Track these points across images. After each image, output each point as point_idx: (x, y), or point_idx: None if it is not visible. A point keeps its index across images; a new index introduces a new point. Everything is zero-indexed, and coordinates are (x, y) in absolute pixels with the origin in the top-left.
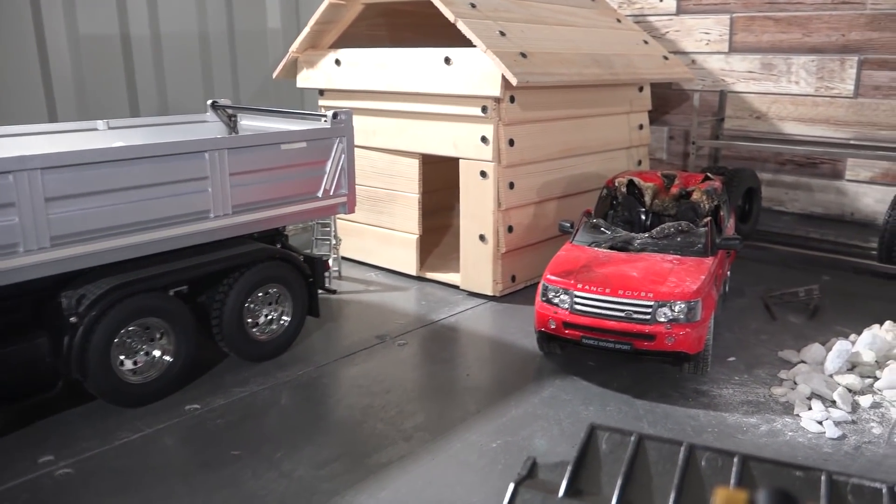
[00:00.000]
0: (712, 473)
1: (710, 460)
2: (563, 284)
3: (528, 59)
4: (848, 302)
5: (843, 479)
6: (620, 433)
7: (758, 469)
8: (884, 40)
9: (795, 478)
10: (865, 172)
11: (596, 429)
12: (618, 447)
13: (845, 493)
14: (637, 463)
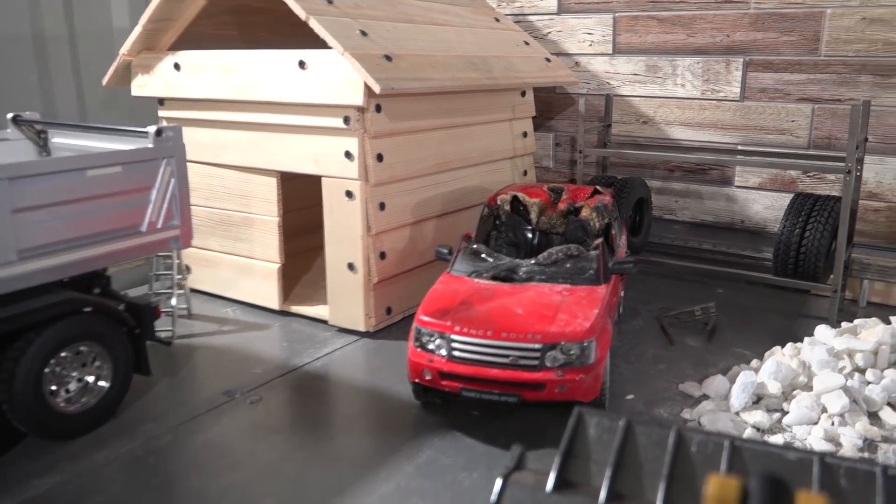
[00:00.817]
0: (703, 459)
1: (700, 445)
2: (438, 327)
3: (393, 62)
4: (745, 318)
5: (836, 463)
6: (609, 418)
7: (749, 454)
8: (768, 41)
9: (787, 462)
10: (754, 178)
11: (583, 414)
12: (606, 433)
13: (838, 477)
14: (626, 449)
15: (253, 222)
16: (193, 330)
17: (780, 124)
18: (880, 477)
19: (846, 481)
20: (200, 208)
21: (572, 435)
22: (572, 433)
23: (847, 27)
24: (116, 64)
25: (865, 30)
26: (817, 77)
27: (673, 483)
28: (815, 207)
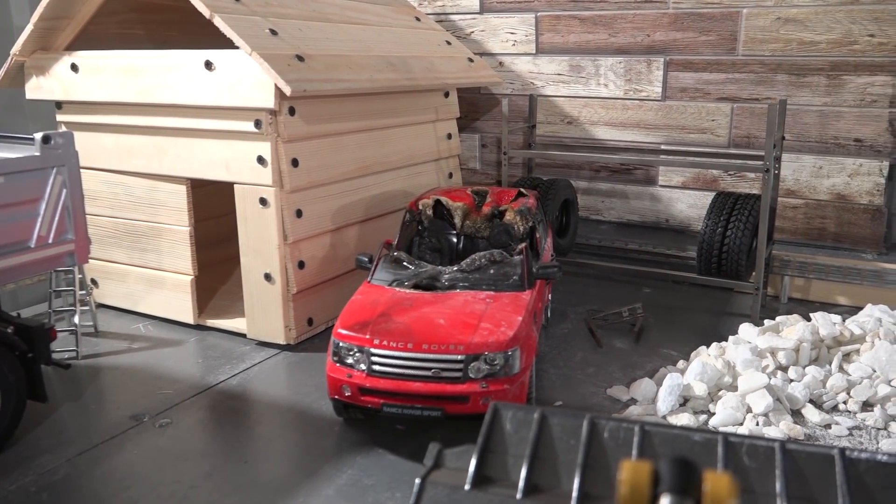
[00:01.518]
0: (615, 445)
1: (612, 432)
2: (357, 341)
3: (306, 62)
4: (672, 317)
5: (738, 441)
6: (524, 411)
7: (658, 438)
8: (687, 40)
9: (694, 443)
10: (678, 178)
11: (498, 408)
12: (522, 426)
13: (741, 454)
14: (542, 441)
15: (162, 232)
16: (100, 349)
17: (700, 123)
18: (778, 452)
19: (748, 458)
20: (105, 218)
21: (489, 430)
22: (489, 428)
23: (762, 27)
24: (7, 65)
25: (780, 30)
26: (735, 76)
27: (588, 471)
28: (736, 206)
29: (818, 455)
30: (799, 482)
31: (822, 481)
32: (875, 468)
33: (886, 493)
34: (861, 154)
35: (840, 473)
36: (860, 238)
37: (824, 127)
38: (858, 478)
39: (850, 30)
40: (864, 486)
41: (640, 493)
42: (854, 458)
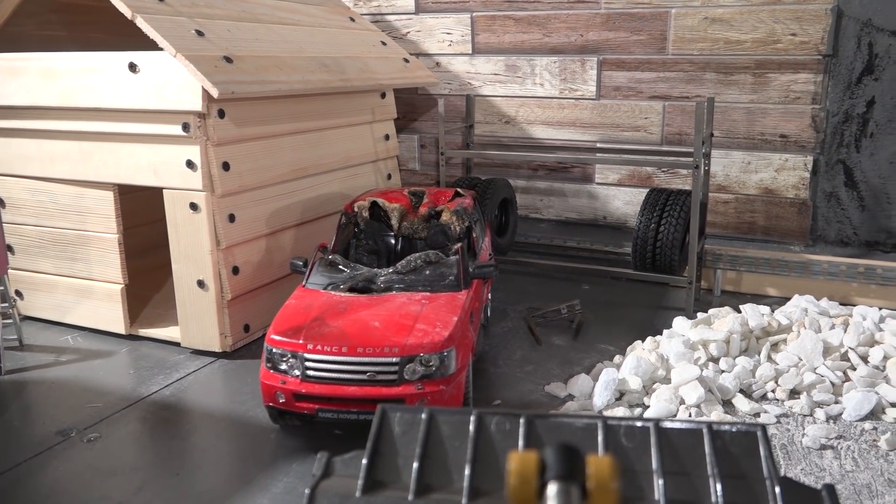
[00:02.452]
0: (502, 438)
1: (498, 425)
2: (290, 346)
3: (234, 64)
4: (609, 313)
5: (616, 424)
6: (412, 412)
7: (542, 427)
8: (619, 40)
9: (576, 429)
10: (613, 175)
11: (387, 411)
12: (410, 427)
13: (620, 436)
14: (431, 441)
15: (90, 240)
16: (25, 363)
17: (634, 121)
18: (653, 431)
19: (626, 439)
20: (30, 227)
21: (377, 434)
22: (377, 432)
23: (691, 27)
24: None
25: (707, 29)
26: (666, 75)
27: (477, 465)
28: (668, 202)
29: (688, 431)
30: (673, 457)
31: (694, 454)
32: (738, 438)
33: (748, 459)
34: (787, 149)
35: (708, 445)
36: (788, 231)
37: (751, 123)
38: (724, 448)
39: (773, 29)
40: (730, 455)
41: (528, 483)
42: (718, 430)
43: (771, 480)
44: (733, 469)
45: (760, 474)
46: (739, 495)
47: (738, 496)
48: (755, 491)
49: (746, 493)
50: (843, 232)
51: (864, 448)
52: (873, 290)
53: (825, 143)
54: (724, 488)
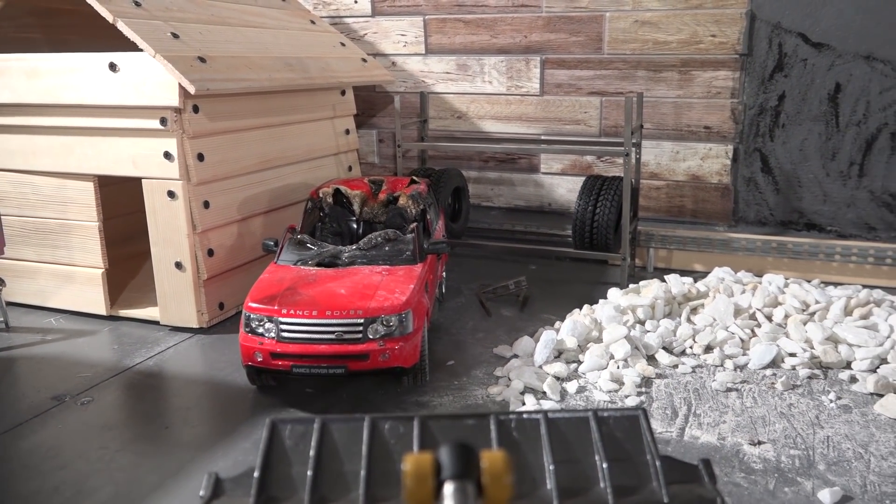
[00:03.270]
0: (397, 441)
1: (392, 429)
2: (266, 312)
3: (208, 63)
4: (553, 288)
5: (507, 419)
6: (302, 423)
7: (436, 427)
8: (559, 41)
9: (469, 427)
10: (557, 165)
11: (276, 424)
12: (302, 438)
13: (511, 430)
14: (324, 450)
15: (72, 228)
16: (12, 342)
17: (574, 115)
18: (542, 422)
19: (518, 433)
20: (14, 218)
21: (267, 449)
22: (268, 446)
23: (623, 29)
24: None
25: (638, 31)
26: (602, 73)
27: (373, 472)
28: (604, 187)
29: (576, 419)
30: (563, 446)
31: (582, 441)
32: (621, 422)
33: (631, 442)
34: (710, 140)
35: (595, 431)
36: (713, 213)
37: (679, 116)
38: (610, 433)
39: (695, 31)
40: (615, 439)
41: (424, 484)
42: (603, 416)
43: (653, 459)
44: (619, 452)
45: (643, 455)
46: (626, 477)
47: (625, 477)
48: (639, 471)
49: (632, 473)
50: (760, 213)
51: (763, 389)
52: (785, 262)
53: (743, 134)
54: (611, 471)
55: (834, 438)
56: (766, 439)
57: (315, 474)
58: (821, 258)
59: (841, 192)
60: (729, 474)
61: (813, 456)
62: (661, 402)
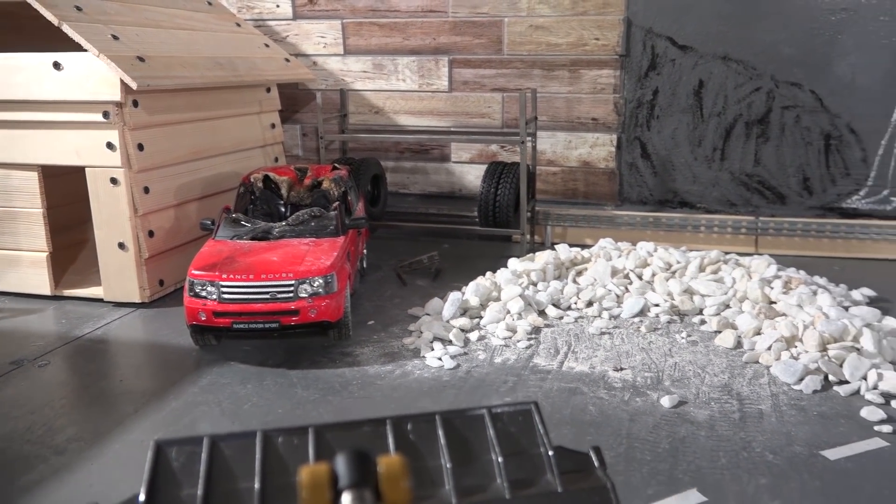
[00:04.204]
0: (292, 454)
1: (286, 441)
2: (208, 277)
3: (146, 62)
4: (461, 262)
5: (403, 421)
6: (190, 443)
7: (331, 435)
8: (465, 43)
9: (365, 433)
10: (466, 154)
11: (161, 446)
12: (191, 459)
13: (407, 433)
14: (216, 469)
15: (17, 216)
16: None
17: (480, 109)
18: (439, 422)
19: (414, 435)
20: None
21: (153, 472)
22: (153, 470)
23: (520, 32)
24: None
25: (533, 35)
26: (503, 72)
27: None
28: (504, 172)
29: (471, 417)
30: (460, 445)
31: (477, 438)
32: (515, 416)
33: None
34: (597, 130)
35: (490, 428)
36: (601, 194)
37: (570, 110)
38: (504, 428)
39: (582, 35)
40: (509, 434)
41: (320, 496)
42: (498, 412)
43: (546, 451)
44: (513, 446)
45: (537, 448)
46: (521, 470)
47: (521, 471)
48: (534, 463)
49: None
50: (642, 193)
51: (630, 332)
52: (661, 235)
53: (625, 124)
54: (507, 466)
55: (680, 364)
56: (627, 367)
57: (205, 494)
58: (689, 230)
59: (707, 174)
60: (595, 391)
61: (661, 377)
62: (546, 344)
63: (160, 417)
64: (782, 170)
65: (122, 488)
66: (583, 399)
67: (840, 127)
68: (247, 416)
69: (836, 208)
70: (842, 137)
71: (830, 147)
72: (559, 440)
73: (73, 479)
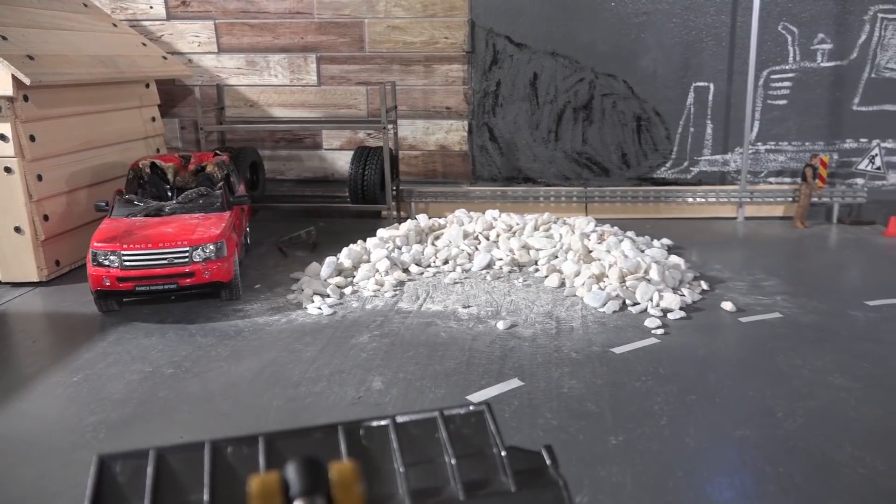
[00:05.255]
0: (242, 463)
1: (235, 451)
2: (110, 248)
3: (36, 60)
4: (336, 237)
5: (355, 427)
6: (135, 456)
7: (282, 443)
8: (329, 42)
9: (316, 439)
10: (336, 142)
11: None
12: (136, 474)
13: (360, 438)
14: (163, 483)
15: None
16: None
17: (347, 101)
18: (391, 427)
19: (366, 440)
20: None
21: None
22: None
23: (379, 32)
24: None
25: (391, 34)
26: (366, 67)
27: (218, 498)
28: (370, 155)
29: (423, 421)
30: (413, 448)
31: (430, 441)
32: (467, 418)
33: (478, 436)
34: (451, 117)
35: (443, 431)
36: (458, 174)
37: (427, 100)
38: (457, 431)
39: (433, 34)
40: (462, 436)
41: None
42: (450, 415)
43: (499, 451)
44: (467, 448)
45: (490, 448)
46: (476, 472)
47: (474, 472)
48: (487, 464)
49: (481, 467)
50: (492, 172)
51: (478, 281)
52: (508, 206)
53: (474, 112)
54: (461, 468)
55: (515, 300)
56: (473, 305)
57: None
58: (531, 201)
59: (544, 153)
60: (447, 323)
61: (500, 310)
62: (409, 293)
63: (77, 365)
64: (605, 147)
65: (48, 420)
66: (437, 328)
67: (648, 111)
68: (154, 359)
69: (649, 178)
70: (650, 119)
71: (641, 127)
72: (416, 358)
73: (10, 409)
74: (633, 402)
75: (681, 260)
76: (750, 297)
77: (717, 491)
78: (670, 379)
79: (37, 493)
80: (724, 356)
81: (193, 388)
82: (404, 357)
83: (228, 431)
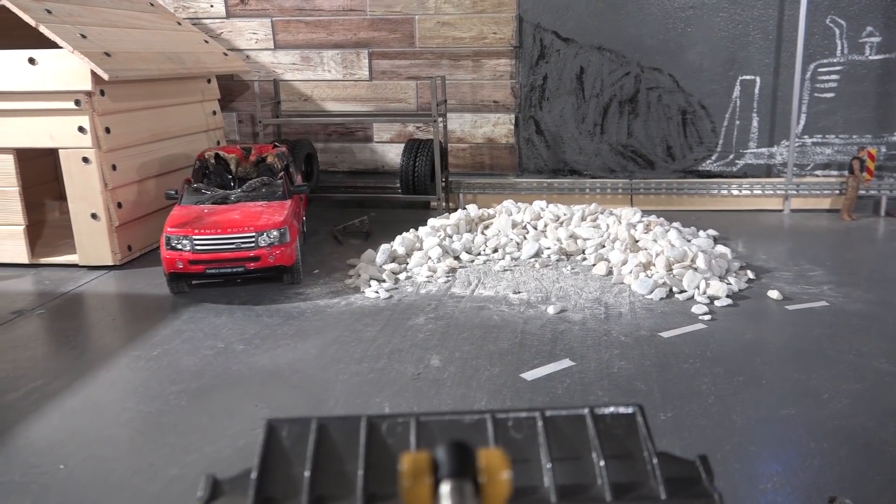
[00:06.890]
0: (394, 440)
1: (389, 428)
2: (183, 233)
3: (112, 57)
4: (388, 226)
5: (504, 417)
6: (300, 423)
7: (434, 426)
8: (381, 38)
9: (466, 425)
10: (387, 135)
11: (273, 425)
12: (300, 439)
13: (508, 428)
14: (323, 450)
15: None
16: None
17: (397, 95)
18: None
19: (514, 431)
20: None
21: (265, 450)
22: (265, 448)
23: (429, 28)
24: None
25: (440, 30)
26: (416, 62)
27: (372, 471)
28: (420, 147)
29: (572, 416)
30: (560, 444)
31: (579, 438)
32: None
33: (630, 439)
34: (498, 111)
35: (591, 428)
36: (504, 166)
37: (475, 94)
38: (607, 430)
39: (482, 30)
40: (611, 436)
41: (421, 483)
42: (600, 413)
43: (650, 456)
44: (616, 449)
45: (641, 452)
46: (623, 474)
47: (622, 475)
48: (637, 468)
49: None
50: (538, 164)
51: (527, 269)
52: (554, 197)
53: (521, 105)
54: (609, 469)
55: (564, 287)
56: (524, 291)
57: (313, 474)
58: (576, 192)
59: (590, 146)
60: (498, 307)
61: (549, 296)
62: (461, 279)
63: (154, 341)
64: (650, 140)
65: (131, 390)
66: (489, 312)
67: (693, 104)
68: (226, 336)
69: (694, 171)
70: (695, 112)
71: (686, 121)
72: (471, 339)
73: (85, 389)
74: (682, 382)
75: (727, 249)
76: (796, 286)
77: (763, 463)
78: (717, 361)
79: (131, 452)
80: (771, 341)
81: (264, 362)
82: (459, 338)
83: (300, 402)
